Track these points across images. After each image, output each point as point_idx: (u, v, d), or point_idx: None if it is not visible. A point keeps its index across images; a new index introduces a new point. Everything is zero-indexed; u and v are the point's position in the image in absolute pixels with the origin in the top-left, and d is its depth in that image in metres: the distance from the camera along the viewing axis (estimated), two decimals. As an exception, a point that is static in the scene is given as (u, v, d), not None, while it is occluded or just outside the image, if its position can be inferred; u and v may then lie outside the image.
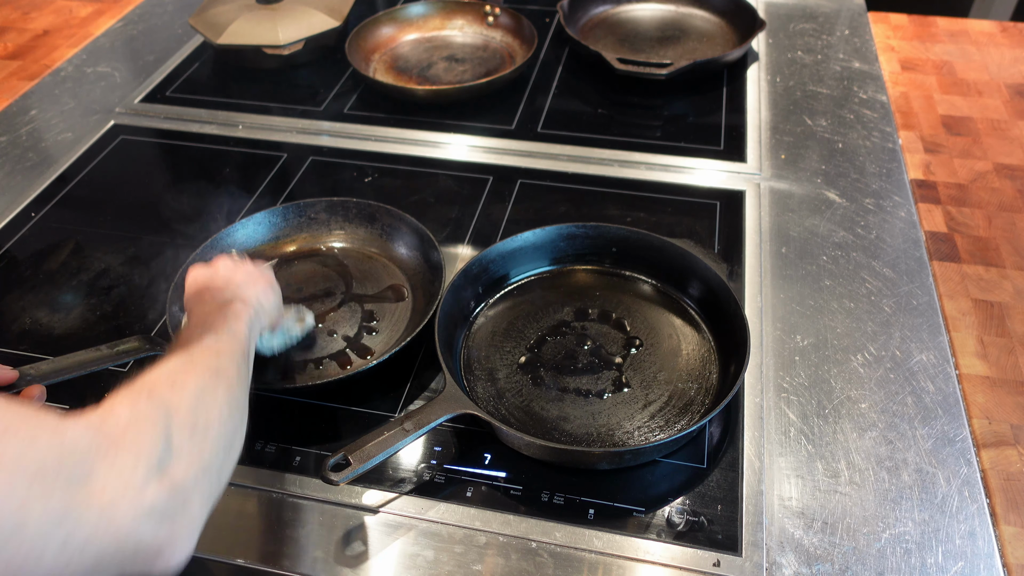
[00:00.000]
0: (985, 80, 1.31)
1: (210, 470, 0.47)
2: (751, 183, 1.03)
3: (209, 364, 0.53)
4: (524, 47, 1.27)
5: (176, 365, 0.52)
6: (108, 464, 0.41)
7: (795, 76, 1.25)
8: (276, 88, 1.26)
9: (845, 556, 0.65)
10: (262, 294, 0.69)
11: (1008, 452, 0.76)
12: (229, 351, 0.57)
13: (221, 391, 0.52)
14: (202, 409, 0.49)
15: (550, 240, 0.88)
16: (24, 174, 1.10)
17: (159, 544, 0.42)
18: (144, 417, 0.45)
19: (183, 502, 0.43)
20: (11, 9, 1.58)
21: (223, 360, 0.55)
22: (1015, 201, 1.06)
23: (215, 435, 0.48)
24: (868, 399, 0.77)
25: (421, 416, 0.67)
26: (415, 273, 0.88)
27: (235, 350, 0.58)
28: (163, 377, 0.50)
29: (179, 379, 0.50)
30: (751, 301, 0.86)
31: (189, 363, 0.52)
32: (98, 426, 0.42)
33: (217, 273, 0.69)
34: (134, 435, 0.43)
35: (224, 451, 0.49)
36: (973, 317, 0.89)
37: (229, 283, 0.68)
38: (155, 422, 0.45)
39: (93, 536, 0.39)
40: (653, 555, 0.65)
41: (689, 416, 0.74)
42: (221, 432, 0.49)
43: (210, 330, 0.59)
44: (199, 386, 0.50)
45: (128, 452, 0.42)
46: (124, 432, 0.43)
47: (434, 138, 1.14)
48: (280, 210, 0.92)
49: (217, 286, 0.67)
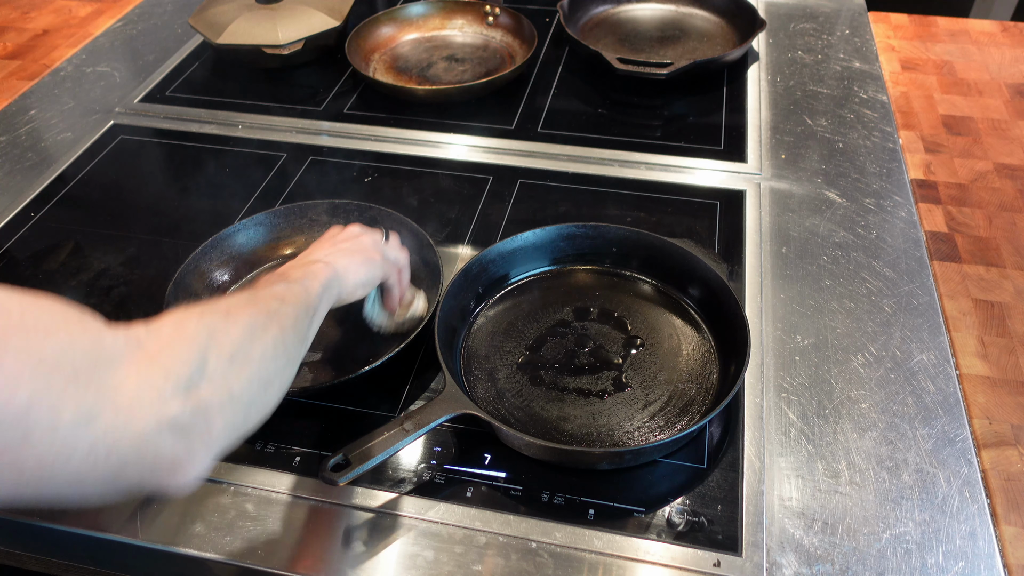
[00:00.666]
0: (986, 80, 1.31)
1: (239, 400, 0.48)
2: (751, 183, 1.03)
3: (269, 306, 0.55)
4: (524, 47, 1.27)
5: (237, 300, 0.54)
6: (138, 373, 0.42)
7: (795, 76, 1.25)
8: (276, 88, 1.26)
9: (845, 556, 0.65)
10: (353, 265, 0.69)
11: (1009, 452, 0.76)
12: (294, 300, 0.58)
13: (272, 331, 0.53)
14: (246, 342, 0.50)
15: (550, 240, 0.88)
16: (23, 174, 1.10)
17: (176, 457, 0.43)
18: (186, 336, 0.46)
19: (205, 422, 0.45)
20: (11, 9, 1.58)
21: (285, 307, 0.56)
22: (1016, 201, 1.06)
23: (254, 369, 0.50)
24: (868, 399, 0.77)
25: (421, 416, 0.67)
26: (414, 275, 0.88)
27: (300, 302, 0.59)
28: (220, 306, 0.51)
29: (234, 311, 0.51)
30: (751, 301, 0.86)
31: (250, 301, 0.54)
32: (139, 338, 0.44)
33: (332, 234, 0.73)
34: (170, 351, 0.45)
35: (260, 387, 0.50)
36: (973, 317, 0.89)
37: (327, 246, 0.70)
38: (195, 343, 0.46)
39: (117, 440, 0.40)
40: (653, 555, 0.65)
41: (689, 416, 0.74)
42: (261, 368, 0.50)
43: (283, 279, 0.61)
44: (250, 322, 0.51)
45: (160, 365, 0.43)
46: (161, 347, 0.44)
47: (434, 138, 1.14)
48: (281, 211, 0.92)
49: (320, 245, 0.71)
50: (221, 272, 0.88)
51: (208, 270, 0.87)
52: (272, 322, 0.53)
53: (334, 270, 0.66)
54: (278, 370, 0.53)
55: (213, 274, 0.87)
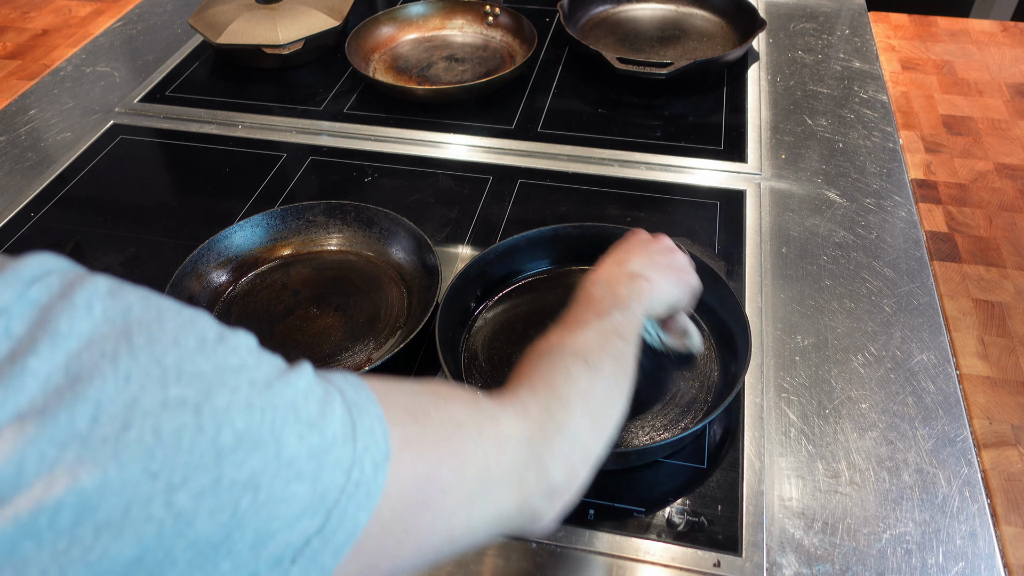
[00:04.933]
0: (986, 80, 1.31)
1: (597, 458, 0.50)
2: (751, 183, 1.03)
3: (615, 348, 0.55)
4: (524, 47, 1.27)
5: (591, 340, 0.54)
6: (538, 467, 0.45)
7: (795, 76, 1.25)
8: (276, 88, 1.26)
9: (845, 556, 0.65)
10: (667, 284, 0.66)
11: (1009, 452, 0.76)
12: (631, 337, 0.58)
13: (622, 384, 0.54)
14: (606, 400, 0.52)
15: (551, 240, 0.87)
16: (23, 174, 1.10)
17: (545, 513, 0.46)
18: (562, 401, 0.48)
19: (572, 483, 0.47)
20: (10, 9, 1.58)
21: (627, 347, 0.56)
22: (1016, 201, 1.06)
23: (611, 427, 0.51)
24: (869, 399, 0.76)
25: None
26: (412, 276, 0.88)
27: (634, 336, 0.58)
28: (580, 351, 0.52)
29: (593, 360, 0.52)
30: (751, 301, 0.86)
31: (601, 343, 0.54)
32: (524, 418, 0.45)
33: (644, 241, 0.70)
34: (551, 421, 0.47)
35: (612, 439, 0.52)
36: (974, 317, 0.89)
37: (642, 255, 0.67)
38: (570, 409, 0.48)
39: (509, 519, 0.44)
40: (653, 555, 0.65)
41: (690, 417, 0.74)
42: (615, 423, 0.52)
43: (615, 301, 0.60)
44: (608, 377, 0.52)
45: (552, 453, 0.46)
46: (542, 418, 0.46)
47: (434, 138, 1.14)
48: (279, 212, 0.92)
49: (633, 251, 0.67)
50: (219, 273, 0.88)
51: (206, 271, 0.87)
52: (620, 369, 0.54)
53: (653, 290, 0.63)
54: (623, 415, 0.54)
55: (211, 275, 0.87)
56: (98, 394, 0.28)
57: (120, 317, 0.30)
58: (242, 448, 0.30)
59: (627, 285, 0.62)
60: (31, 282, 0.30)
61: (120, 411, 0.28)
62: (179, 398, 0.30)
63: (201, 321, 0.33)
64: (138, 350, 0.30)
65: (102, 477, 0.28)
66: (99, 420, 0.28)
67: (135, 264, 0.94)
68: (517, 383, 0.49)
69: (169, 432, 0.29)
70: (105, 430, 0.28)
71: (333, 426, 0.34)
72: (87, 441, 0.28)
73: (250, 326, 0.84)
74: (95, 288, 0.31)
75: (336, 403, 0.35)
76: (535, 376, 0.49)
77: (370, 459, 0.34)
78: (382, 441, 0.36)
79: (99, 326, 0.30)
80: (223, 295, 0.87)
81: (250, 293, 0.88)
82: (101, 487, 0.27)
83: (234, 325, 0.35)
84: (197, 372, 0.31)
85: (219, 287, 0.88)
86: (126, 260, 0.95)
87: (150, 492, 0.28)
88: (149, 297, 0.33)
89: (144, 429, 0.29)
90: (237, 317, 0.85)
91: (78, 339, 0.29)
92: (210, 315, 0.35)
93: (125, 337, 0.30)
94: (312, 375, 0.35)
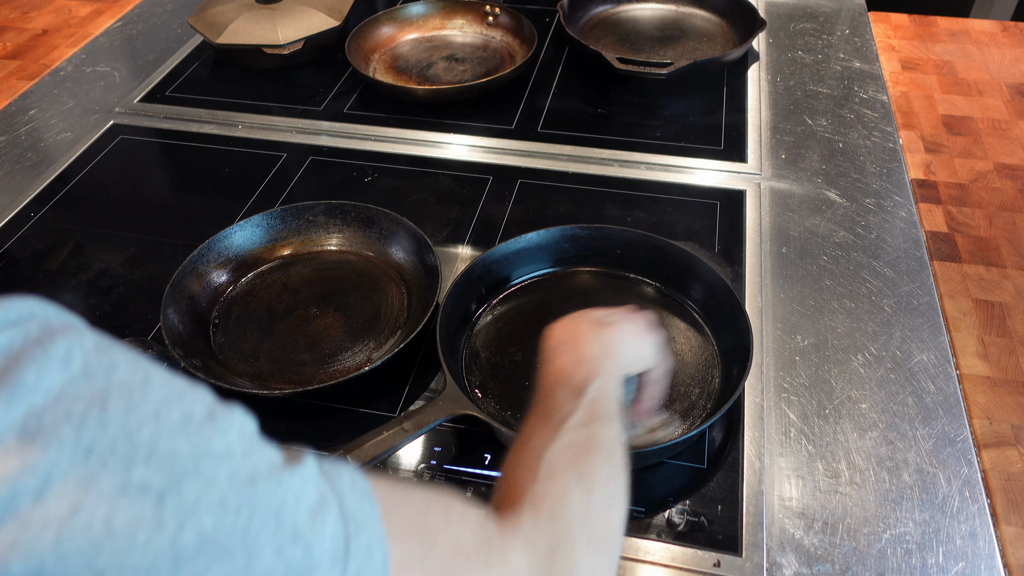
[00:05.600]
0: (986, 80, 1.31)
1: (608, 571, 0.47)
2: (751, 183, 1.03)
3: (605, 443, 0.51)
4: (524, 47, 1.27)
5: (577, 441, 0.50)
6: None
7: (795, 76, 1.25)
8: (276, 88, 1.26)
9: (845, 556, 0.65)
10: (634, 328, 0.62)
11: (1009, 452, 0.76)
12: (614, 410, 0.54)
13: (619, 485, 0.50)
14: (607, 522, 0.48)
15: (553, 241, 0.87)
16: (23, 174, 1.10)
17: None
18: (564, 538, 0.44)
19: None
20: (10, 9, 1.58)
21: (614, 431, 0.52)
22: (1016, 201, 1.06)
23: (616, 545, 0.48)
24: (869, 399, 0.76)
25: (421, 416, 0.66)
26: (412, 276, 0.88)
27: (615, 406, 0.55)
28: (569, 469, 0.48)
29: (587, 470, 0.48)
30: (751, 301, 0.86)
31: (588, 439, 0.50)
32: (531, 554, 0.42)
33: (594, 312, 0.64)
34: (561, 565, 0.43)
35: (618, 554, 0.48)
36: (974, 317, 0.89)
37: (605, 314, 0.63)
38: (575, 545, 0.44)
39: None
40: (653, 555, 0.65)
41: (691, 419, 0.74)
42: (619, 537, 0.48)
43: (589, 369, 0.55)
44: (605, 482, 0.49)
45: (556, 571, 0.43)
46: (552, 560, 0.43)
47: (434, 138, 1.14)
48: (278, 212, 0.92)
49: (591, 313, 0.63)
50: (219, 274, 0.88)
51: (205, 272, 0.87)
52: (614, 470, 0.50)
53: (621, 337, 0.60)
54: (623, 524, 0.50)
55: (211, 276, 0.87)
56: (49, 466, 0.24)
57: (102, 375, 0.27)
58: (205, 554, 0.26)
59: (594, 340, 0.58)
60: (3, 327, 0.27)
61: (71, 489, 0.24)
62: (142, 483, 0.25)
63: (193, 394, 0.29)
64: (110, 419, 0.26)
65: (36, 568, 0.23)
66: (44, 498, 0.24)
67: (135, 264, 0.94)
68: (517, 504, 0.45)
69: (123, 523, 0.25)
70: (49, 511, 0.24)
71: (323, 542, 0.29)
72: (26, 522, 0.23)
73: (250, 326, 0.84)
74: (79, 340, 0.27)
75: (332, 513, 0.30)
76: (536, 500, 0.45)
77: None
78: (379, 566, 0.31)
79: (75, 381, 0.26)
80: (223, 295, 0.87)
81: (250, 293, 0.88)
82: None
83: (234, 325, 0.33)
84: (171, 454, 0.26)
85: (219, 287, 0.88)
86: (126, 260, 0.95)
87: None
88: (139, 360, 0.29)
89: (94, 516, 0.24)
90: (237, 317, 0.85)
91: (45, 394, 0.25)
92: (211, 391, 0.30)
93: (99, 402, 0.26)
94: (312, 475, 0.31)
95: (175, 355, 0.75)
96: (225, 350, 0.81)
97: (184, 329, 0.81)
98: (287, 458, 0.31)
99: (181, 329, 0.80)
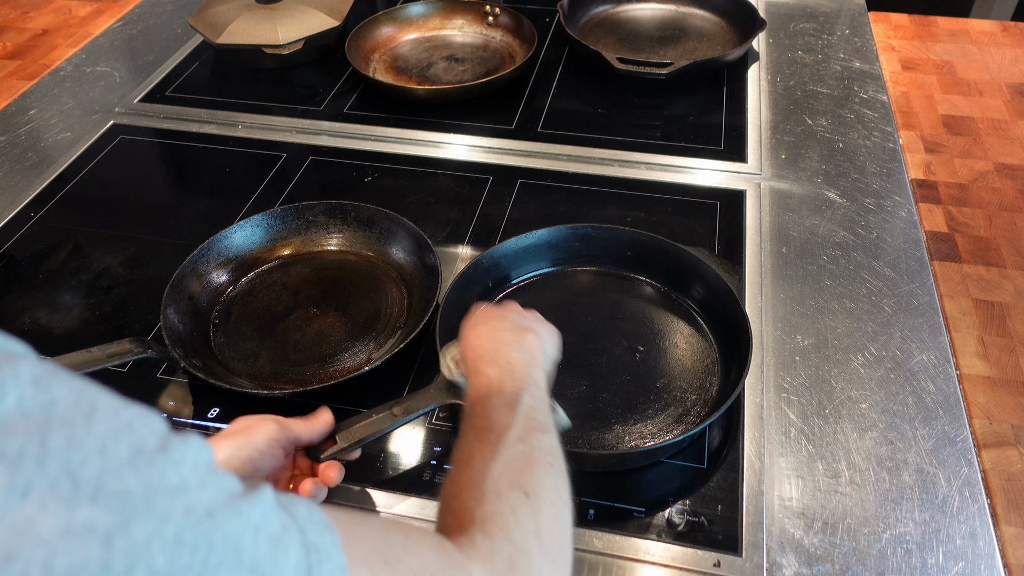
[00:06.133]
0: (986, 80, 1.31)
1: None
2: (751, 183, 1.03)
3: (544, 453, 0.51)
4: (524, 47, 1.27)
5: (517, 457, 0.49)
6: None
7: (795, 76, 1.25)
8: (276, 88, 1.26)
9: (845, 556, 0.65)
10: (548, 335, 0.64)
11: (1009, 452, 0.76)
12: (548, 418, 0.54)
13: (563, 492, 0.50)
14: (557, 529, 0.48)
15: (562, 240, 0.87)
16: (23, 174, 1.10)
17: None
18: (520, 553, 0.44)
19: None
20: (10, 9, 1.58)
21: (552, 440, 0.52)
22: (1016, 201, 1.06)
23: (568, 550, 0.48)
24: (869, 399, 0.76)
25: (410, 403, 0.66)
26: (412, 276, 0.88)
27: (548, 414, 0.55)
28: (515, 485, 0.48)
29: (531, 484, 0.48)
30: (751, 301, 0.86)
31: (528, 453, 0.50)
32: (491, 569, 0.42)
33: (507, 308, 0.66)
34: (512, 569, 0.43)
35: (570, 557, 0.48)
36: (974, 317, 0.89)
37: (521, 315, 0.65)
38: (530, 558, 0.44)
39: None
40: (653, 555, 0.65)
41: (691, 420, 0.74)
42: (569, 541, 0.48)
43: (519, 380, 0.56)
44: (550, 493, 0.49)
45: None
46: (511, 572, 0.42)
47: (434, 138, 1.14)
48: (279, 212, 0.92)
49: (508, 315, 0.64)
50: (219, 274, 0.88)
51: (205, 272, 0.87)
52: (557, 478, 0.50)
53: (542, 342, 0.62)
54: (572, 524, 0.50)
55: (211, 275, 0.87)
56: None
57: (39, 411, 0.25)
58: None
59: (519, 347, 0.59)
60: None
61: (5, 537, 0.22)
62: (88, 524, 0.24)
63: (143, 425, 0.27)
64: (50, 457, 0.24)
65: None
66: None
67: (135, 264, 0.94)
68: (467, 528, 0.44)
69: (64, 569, 0.23)
70: None
71: (284, 574, 0.28)
72: None
73: (250, 326, 0.84)
74: (15, 372, 0.26)
75: (293, 544, 0.29)
76: (486, 521, 0.45)
77: None
78: None
79: (8, 418, 0.24)
80: (223, 295, 0.87)
81: (250, 293, 0.88)
82: None
83: (234, 325, 0.32)
84: (120, 492, 0.25)
85: (219, 287, 0.88)
86: (126, 260, 0.95)
87: None
88: (84, 391, 0.27)
89: (30, 564, 0.22)
90: (237, 317, 0.85)
91: None
92: (161, 418, 0.29)
93: (37, 439, 0.24)
94: (271, 505, 0.30)
95: (175, 355, 0.75)
96: (225, 350, 0.81)
97: (184, 329, 0.81)
98: (246, 488, 0.29)
99: (181, 329, 0.80)
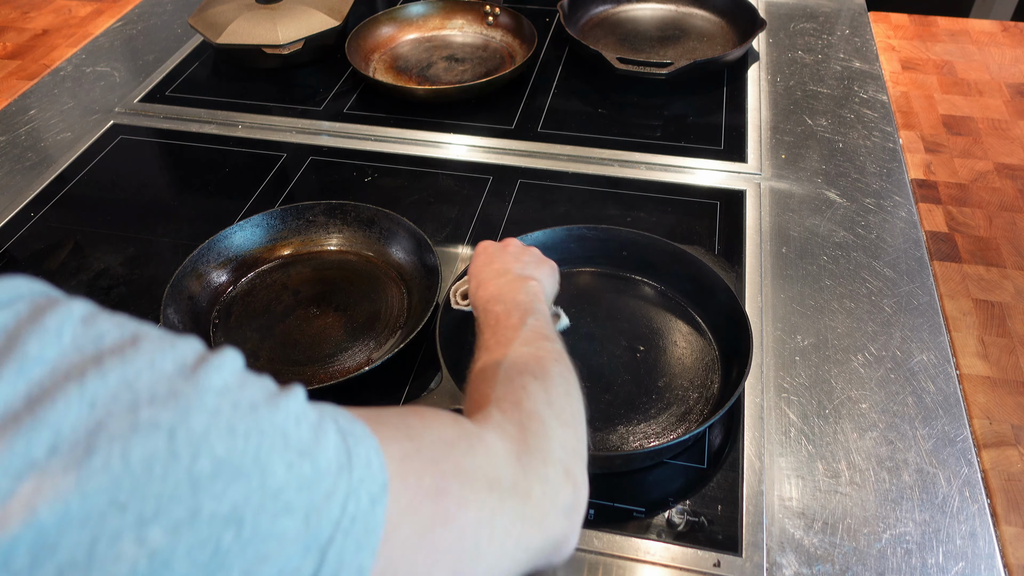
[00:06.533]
0: (986, 80, 1.31)
1: (584, 455, 0.49)
2: (751, 183, 1.03)
3: (550, 351, 0.55)
4: (524, 47, 1.27)
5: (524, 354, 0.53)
6: (539, 478, 0.43)
7: (795, 76, 1.25)
8: (276, 88, 1.26)
9: (845, 556, 0.65)
10: (548, 278, 0.69)
11: (1009, 452, 0.76)
12: (552, 332, 0.58)
13: (571, 379, 0.53)
14: (569, 404, 0.51)
15: (558, 241, 0.87)
16: (23, 174, 1.10)
17: (566, 536, 0.45)
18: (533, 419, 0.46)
19: (581, 495, 0.46)
20: (10, 9, 1.58)
21: (557, 345, 0.56)
22: (1016, 201, 1.06)
23: (582, 423, 0.51)
24: (869, 399, 0.76)
25: None
26: (412, 276, 0.88)
27: (553, 329, 0.59)
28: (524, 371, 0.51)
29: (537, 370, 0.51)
30: (751, 301, 0.86)
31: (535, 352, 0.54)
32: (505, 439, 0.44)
33: (503, 247, 0.71)
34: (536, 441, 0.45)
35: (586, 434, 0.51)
36: (974, 317, 0.89)
37: (512, 261, 0.68)
38: (544, 422, 0.47)
39: (533, 541, 0.42)
40: (653, 555, 0.65)
41: (690, 421, 0.74)
42: (583, 418, 0.51)
43: (524, 311, 0.59)
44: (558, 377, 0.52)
45: (545, 463, 0.44)
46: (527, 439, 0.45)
47: (434, 138, 1.14)
48: (279, 212, 0.92)
49: (503, 259, 0.68)
50: (219, 273, 0.88)
51: (206, 271, 0.87)
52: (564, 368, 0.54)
53: (543, 287, 0.66)
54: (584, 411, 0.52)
55: (211, 275, 0.87)
56: (59, 419, 0.25)
57: (91, 345, 0.28)
58: (222, 477, 0.27)
59: (522, 290, 0.62)
60: None
61: (83, 437, 0.25)
62: (151, 421, 0.27)
63: (183, 344, 0.31)
64: (108, 372, 0.27)
65: (63, 510, 0.24)
66: (59, 447, 0.25)
67: (135, 264, 0.94)
68: (483, 407, 0.47)
69: (139, 459, 0.26)
70: (66, 458, 0.25)
71: (327, 454, 0.31)
72: (46, 470, 0.24)
73: (250, 326, 0.84)
74: (68, 313, 0.29)
75: (330, 430, 0.32)
76: (500, 400, 0.48)
77: (366, 492, 0.32)
78: (379, 473, 0.33)
79: (67, 353, 0.27)
80: (223, 295, 0.87)
81: (250, 293, 0.88)
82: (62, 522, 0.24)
83: (234, 325, 0.34)
84: (173, 393, 0.28)
85: (219, 287, 0.88)
86: (126, 260, 0.95)
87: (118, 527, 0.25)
88: (126, 324, 0.30)
89: (111, 455, 0.25)
90: (237, 317, 0.85)
91: (43, 365, 0.27)
92: (199, 340, 0.32)
93: (95, 361, 0.28)
94: (305, 400, 0.33)
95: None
96: (225, 350, 0.81)
97: (184, 329, 0.81)
98: (280, 387, 0.33)
99: (181, 329, 0.80)
